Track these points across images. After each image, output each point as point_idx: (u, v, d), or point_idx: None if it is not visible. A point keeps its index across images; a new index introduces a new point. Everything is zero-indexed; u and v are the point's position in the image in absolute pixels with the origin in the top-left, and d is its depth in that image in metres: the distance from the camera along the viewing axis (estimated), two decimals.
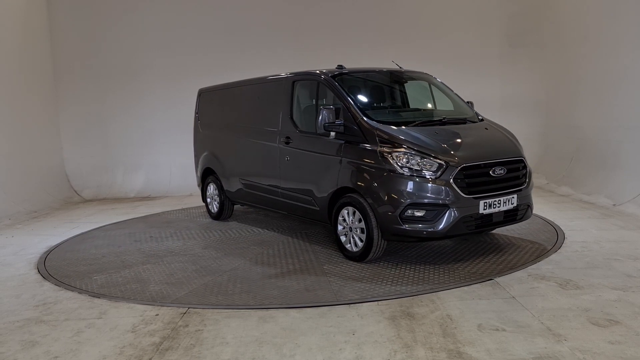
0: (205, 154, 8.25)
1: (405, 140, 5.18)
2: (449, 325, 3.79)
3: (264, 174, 6.95)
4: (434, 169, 4.97)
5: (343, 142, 5.56)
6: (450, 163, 4.99)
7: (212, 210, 8.28)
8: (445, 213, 4.94)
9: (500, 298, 4.27)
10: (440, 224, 4.94)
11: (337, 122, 5.50)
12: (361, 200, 5.31)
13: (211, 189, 8.23)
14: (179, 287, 4.95)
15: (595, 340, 3.44)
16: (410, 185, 4.99)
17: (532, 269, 5.01)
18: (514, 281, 4.66)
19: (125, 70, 11.66)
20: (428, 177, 4.96)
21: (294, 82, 6.46)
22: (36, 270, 5.82)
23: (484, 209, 5.06)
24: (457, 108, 6.43)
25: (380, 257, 5.52)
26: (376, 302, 4.31)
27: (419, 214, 4.98)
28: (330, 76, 5.99)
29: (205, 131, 8.33)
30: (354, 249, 5.52)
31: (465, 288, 4.55)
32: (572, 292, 4.35)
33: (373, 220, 5.22)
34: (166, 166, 11.62)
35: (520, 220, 5.56)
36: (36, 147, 10.67)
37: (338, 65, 6.30)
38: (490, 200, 5.09)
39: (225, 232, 7.27)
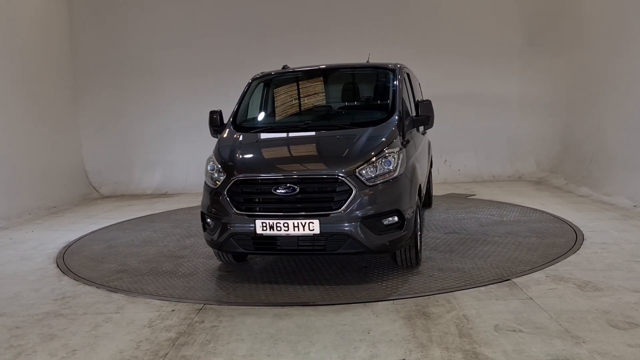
0: None
1: (216, 148, 5.21)
2: (465, 325, 3.75)
3: None
4: (220, 179, 4.86)
5: None
6: (229, 175, 4.78)
7: None
8: (220, 226, 4.76)
9: (518, 299, 4.23)
10: (217, 237, 4.82)
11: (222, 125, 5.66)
12: None
13: None
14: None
15: (615, 343, 3.39)
16: (205, 194, 5.04)
17: (550, 270, 4.94)
18: (532, 282, 4.61)
19: (144, 69, 11.77)
20: (213, 187, 4.90)
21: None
22: (55, 265, 5.91)
23: (263, 230, 4.55)
24: (365, 109, 6.01)
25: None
26: (392, 301, 4.29)
27: (208, 223, 4.97)
28: (252, 78, 6.10)
29: None
30: None
31: (481, 288, 4.50)
32: (591, 294, 4.28)
33: None
34: (183, 164, 11.70)
35: (335, 253, 4.68)
36: (56, 144, 10.83)
37: (283, 66, 6.36)
38: (271, 222, 4.52)
39: None
